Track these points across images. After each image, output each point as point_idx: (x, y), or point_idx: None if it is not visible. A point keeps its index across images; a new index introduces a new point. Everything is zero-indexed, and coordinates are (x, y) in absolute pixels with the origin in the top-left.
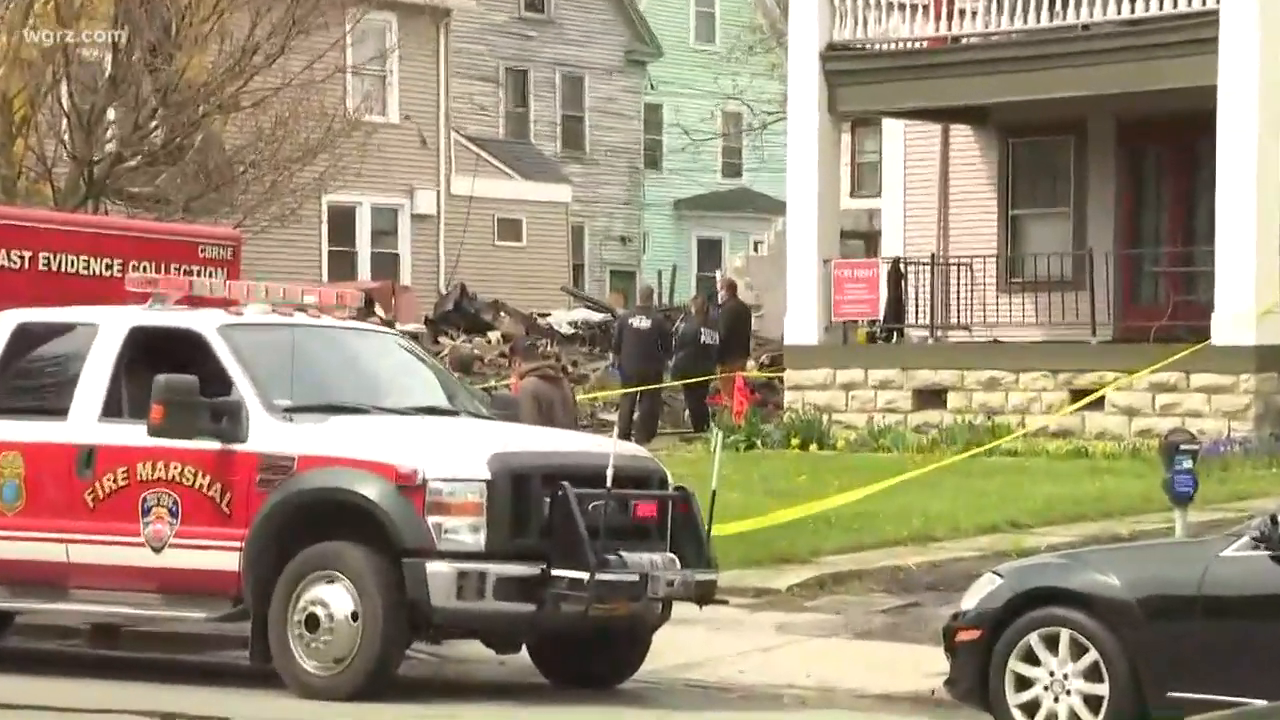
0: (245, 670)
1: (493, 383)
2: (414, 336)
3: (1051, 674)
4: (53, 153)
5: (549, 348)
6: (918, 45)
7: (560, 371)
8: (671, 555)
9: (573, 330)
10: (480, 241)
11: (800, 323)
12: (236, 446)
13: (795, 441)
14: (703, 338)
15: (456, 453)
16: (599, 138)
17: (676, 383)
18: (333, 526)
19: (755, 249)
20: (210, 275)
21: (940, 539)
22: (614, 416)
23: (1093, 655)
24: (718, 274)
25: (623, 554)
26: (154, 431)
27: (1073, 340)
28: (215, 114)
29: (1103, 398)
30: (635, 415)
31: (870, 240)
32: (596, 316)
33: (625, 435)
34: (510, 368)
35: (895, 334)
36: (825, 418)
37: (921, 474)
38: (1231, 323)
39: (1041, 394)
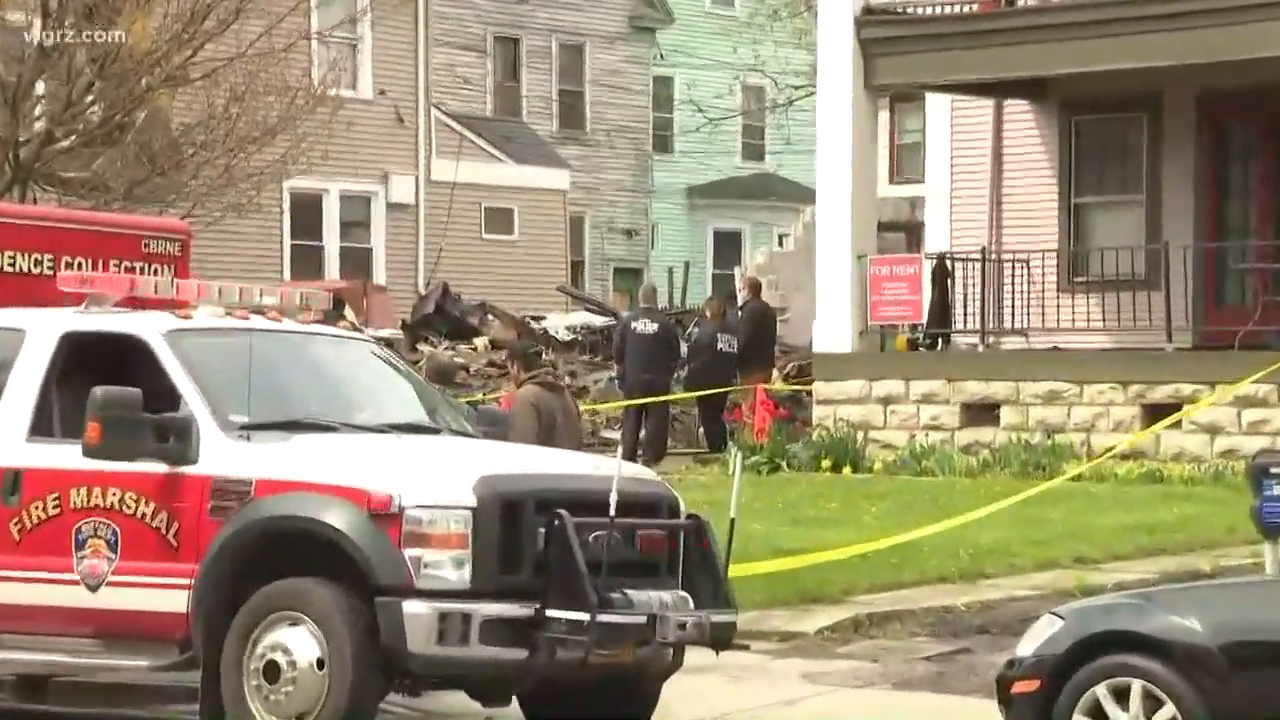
0: None
1: (479, 396)
2: (389, 343)
3: None
4: None
5: (544, 356)
6: (967, 8)
7: (561, 380)
8: (684, 593)
9: (571, 336)
10: (465, 234)
11: (831, 327)
12: (185, 469)
13: (825, 463)
14: (719, 344)
15: (438, 476)
16: (601, 115)
17: (689, 394)
18: (296, 561)
19: (780, 243)
20: (155, 273)
21: (992, 575)
22: (618, 434)
23: (1169, 710)
24: (737, 272)
25: (628, 592)
26: (90, 452)
27: (1145, 348)
28: (160, 88)
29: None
30: (642, 433)
31: (912, 233)
32: (598, 320)
33: (631, 455)
34: (509, 377)
35: (940, 340)
36: (860, 436)
37: (1009, 504)
38: None
39: (1109, 409)
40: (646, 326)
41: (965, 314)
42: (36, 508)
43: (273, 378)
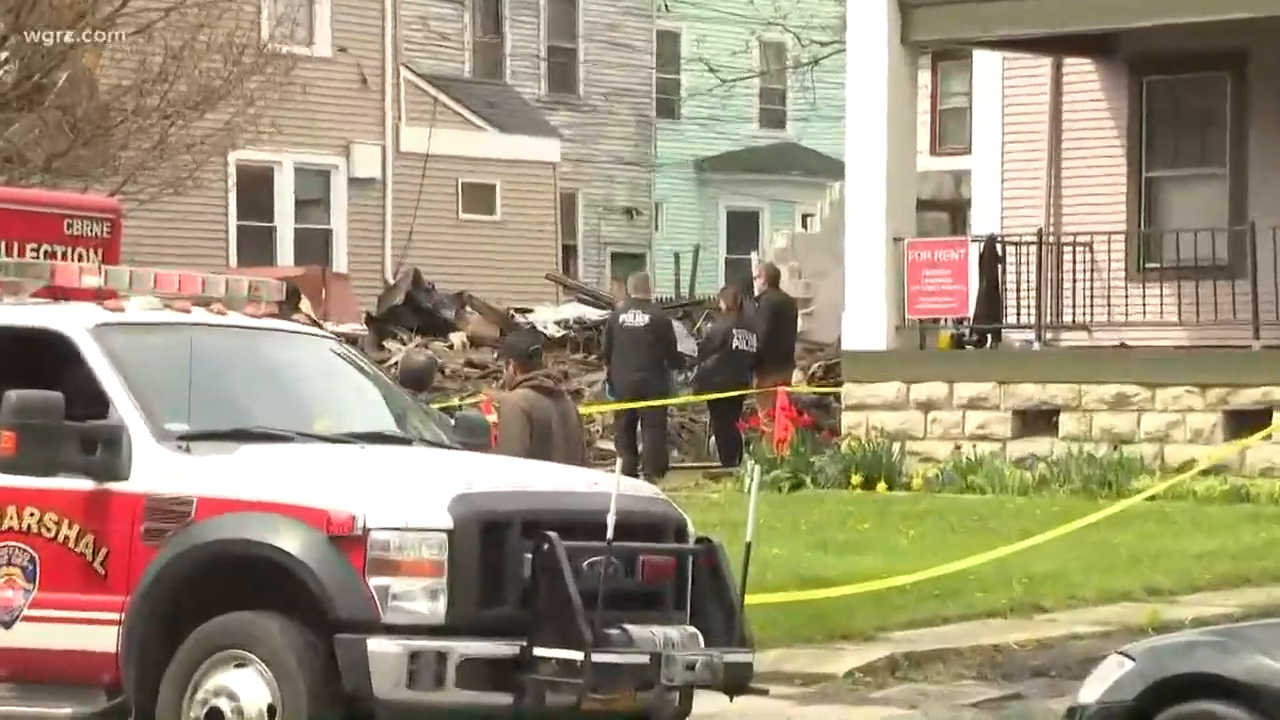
0: None
1: (455, 401)
2: (351, 340)
3: None
4: None
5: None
6: None
7: (561, 384)
8: (693, 629)
9: (563, 331)
10: (439, 214)
11: (863, 321)
12: (115, 486)
13: (856, 479)
14: (734, 341)
15: (408, 493)
16: (597, 77)
17: (699, 398)
18: (243, 592)
19: (803, 224)
20: (80, 258)
21: (1050, 609)
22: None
23: None
24: (754, 257)
25: (628, 627)
26: (3, 466)
27: (1228, 345)
28: (85, 45)
29: (1270, 418)
30: (641, 444)
31: (957, 212)
32: (594, 313)
33: (631, 470)
34: (501, 380)
35: (989, 337)
36: (896, 447)
37: (1072, 528)
38: None
39: (1186, 416)
40: (635, 319)
41: (1018, 306)
42: None
43: (217, 380)
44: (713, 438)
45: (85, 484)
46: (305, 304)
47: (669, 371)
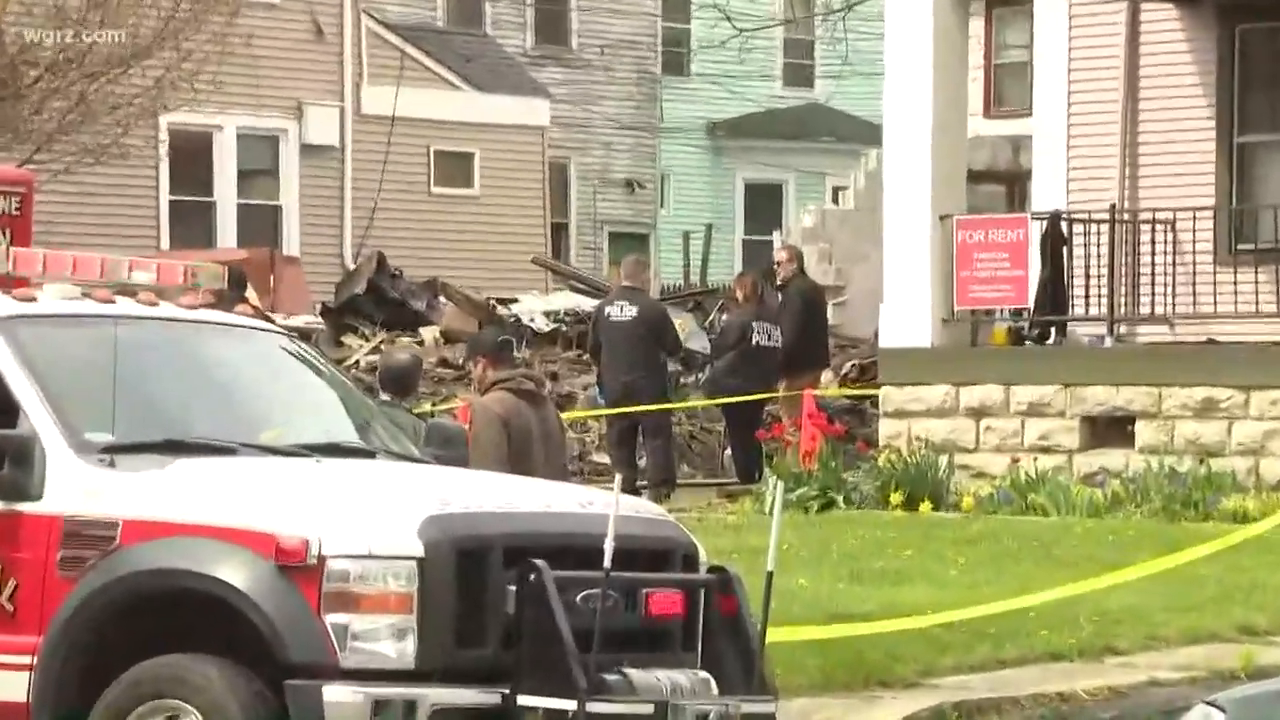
0: None
1: (428, 406)
2: (305, 335)
3: None
4: None
5: (515, 353)
6: None
7: (543, 386)
8: (705, 674)
9: (552, 325)
10: (409, 188)
11: (904, 314)
12: (26, 507)
13: (896, 498)
14: (754, 337)
15: (372, 515)
16: (593, 27)
17: (712, 402)
18: (178, 630)
19: (834, 199)
20: None
21: (1126, 651)
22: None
23: None
24: (776, 238)
25: (629, 672)
26: None
27: None
28: None
29: None
30: (644, 457)
31: (1014, 185)
32: (589, 303)
33: (630, 488)
34: (471, 380)
35: (1053, 331)
36: (943, 461)
37: (1167, 563)
38: None
39: None
40: (623, 311)
41: (1087, 295)
42: None
43: (146, 382)
44: (728, 449)
45: None
46: (250, 293)
47: (665, 370)
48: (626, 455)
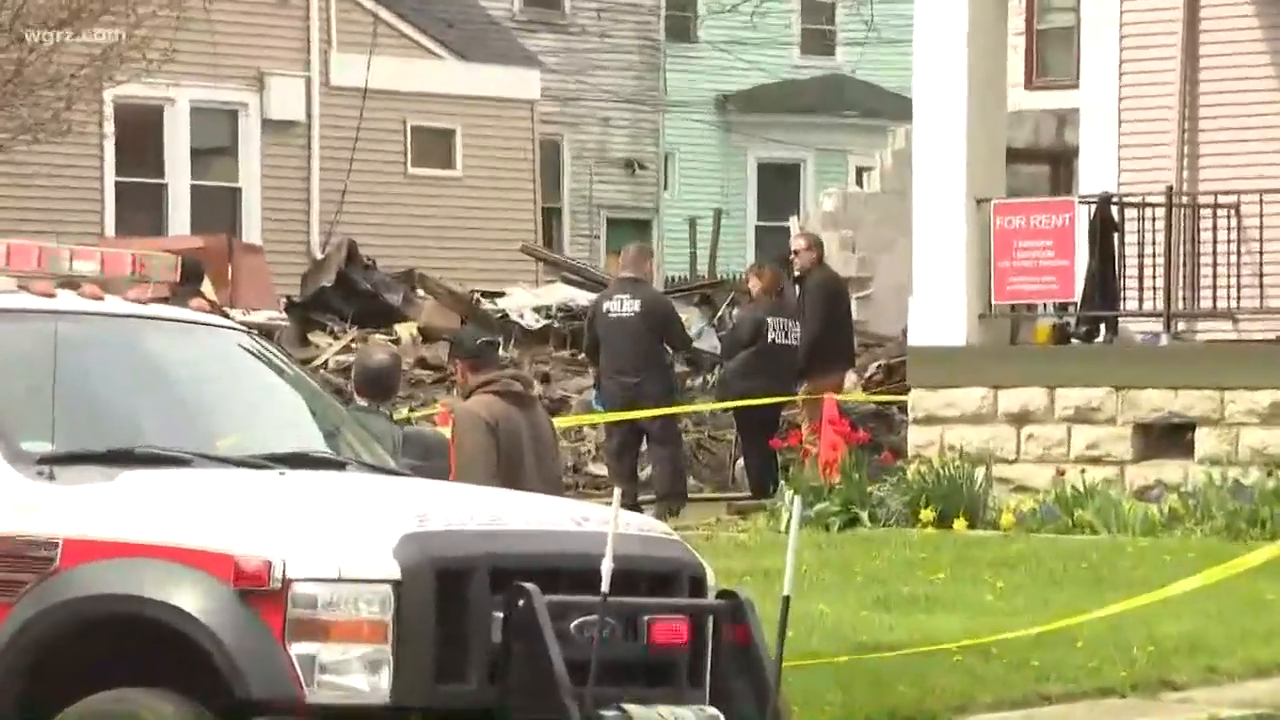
0: None
1: (405, 412)
2: (268, 332)
3: None
4: None
5: (502, 351)
6: None
7: (531, 387)
8: (713, 711)
9: (543, 321)
10: (383, 168)
11: (936, 309)
12: None
13: (927, 514)
14: (769, 334)
15: (342, 533)
16: None
17: (721, 405)
18: (125, 663)
19: (859, 180)
20: None
21: (1183, 685)
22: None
23: None
24: (793, 224)
25: (628, 708)
26: None
27: None
28: None
29: None
30: (645, 470)
31: (1060, 164)
32: (585, 297)
33: (633, 502)
34: (457, 383)
35: (1103, 327)
36: (979, 473)
37: (1214, 577)
38: None
39: None
40: (623, 306)
41: (1141, 287)
42: None
43: (90, 385)
44: (741, 460)
45: None
46: (206, 285)
47: (671, 371)
48: (627, 466)
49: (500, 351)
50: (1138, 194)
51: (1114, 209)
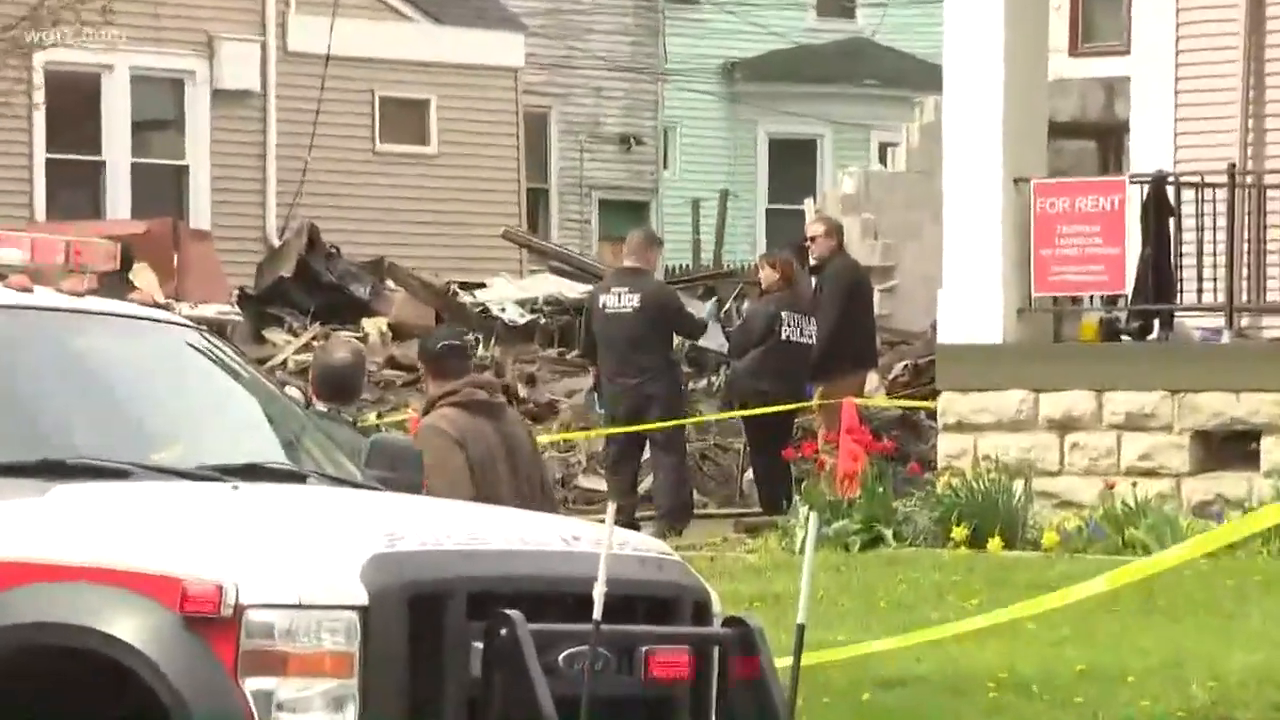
0: None
1: (373, 418)
2: (219, 329)
3: None
4: None
5: (481, 349)
6: None
7: (507, 394)
8: None
9: (528, 316)
10: (348, 144)
11: (969, 302)
12: None
13: (959, 532)
14: (782, 331)
15: (303, 553)
16: None
17: (729, 414)
18: (59, 699)
19: (882, 158)
20: None
21: None
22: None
23: None
24: (808, 207)
25: None
26: None
27: None
28: None
29: None
30: (646, 482)
31: (1109, 139)
32: (575, 289)
33: (628, 520)
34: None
35: (1157, 323)
36: (1019, 486)
37: None
38: None
39: None
40: (622, 299)
41: (1200, 278)
42: None
43: (18, 388)
44: (750, 472)
45: None
46: (148, 276)
47: (678, 371)
48: (626, 479)
49: (472, 353)
50: (1197, 172)
51: (1170, 189)
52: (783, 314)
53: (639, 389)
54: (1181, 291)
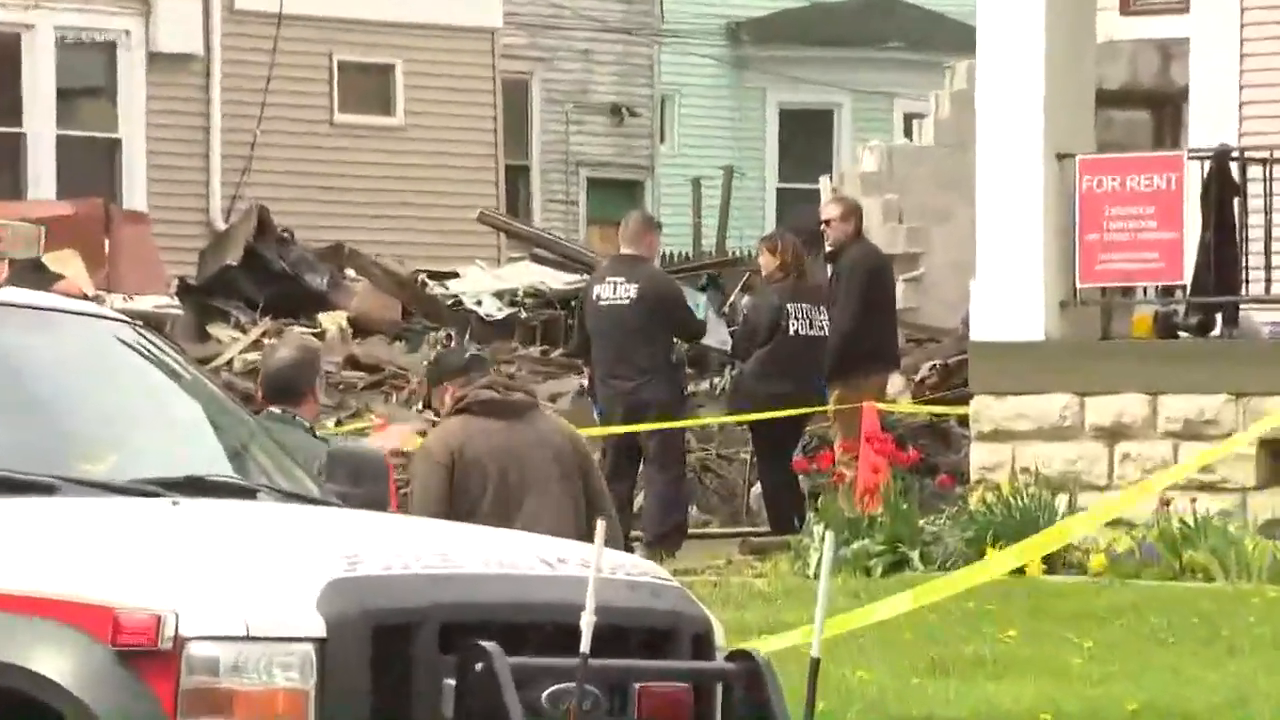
0: None
1: (333, 425)
2: (157, 324)
3: None
4: None
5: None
6: None
7: (526, 394)
8: None
9: (506, 310)
10: (303, 115)
11: (1005, 294)
12: None
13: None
14: (791, 326)
15: (251, 579)
16: None
17: (733, 419)
18: None
19: (907, 131)
20: None
21: None
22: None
23: None
24: (824, 187)
25: None
26: None
27: None
28: None
29: None
30: (639, 498)
31: (1165, 109)
32: (560, 279)
33: (625, 537)
34: (430, 392)
35: (1220, 318)
36: (1062, 502)
37: None
38: None
39: None
40: (617, 291)
41: (1268, 266)
42: None
43: None
44: (758, 485)
45: None
46: (76, 264)
47: (680, 373)
48: (622, 493)
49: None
50: (1265, 146)
51: (1234, 166)
52: (788, 306)
53: (635, 393)
54: (1247, 281)
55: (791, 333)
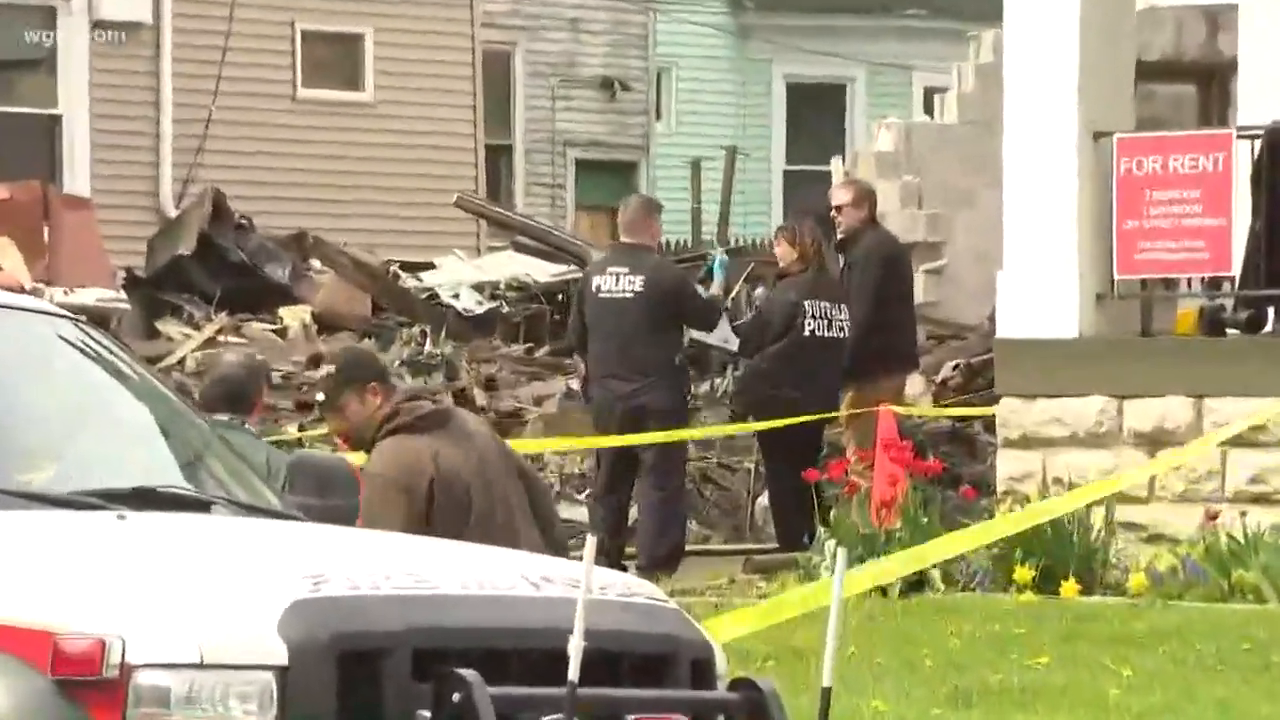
0: None
1: (292, 431)
2: (101, 319)
3: None
4: None
5: (429, 346)
6: None
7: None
8: None
9: (486, 305)
10: (264, 90)
11: (1035, 286)
12: None
13: (1024, 573)
14: (809, 324)
15: (206, 601)
16: None
17: (738, 427)
18: None
19: (928, 108)
20: None
21: None
22: (587, 510)
23: None
24: (835, 168)
25: None
26: None
27: None
28: None
29: None
30: (634, 511)
31: (1212, 83)
32: (546, 270)
33: (614, 557)
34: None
35: (1272, 313)
36: (1098, 515)
37: None
38: None
39: None
40: (619, 283)
41: None
42: None
43: None
44: (765, 497)
45: None
46: (12, 254)
47: (685, 375)
48: (615, 506)
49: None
50: None
51: None
52: (805, 303)
53: (633, 398)
54: None
55: (808, 333)
